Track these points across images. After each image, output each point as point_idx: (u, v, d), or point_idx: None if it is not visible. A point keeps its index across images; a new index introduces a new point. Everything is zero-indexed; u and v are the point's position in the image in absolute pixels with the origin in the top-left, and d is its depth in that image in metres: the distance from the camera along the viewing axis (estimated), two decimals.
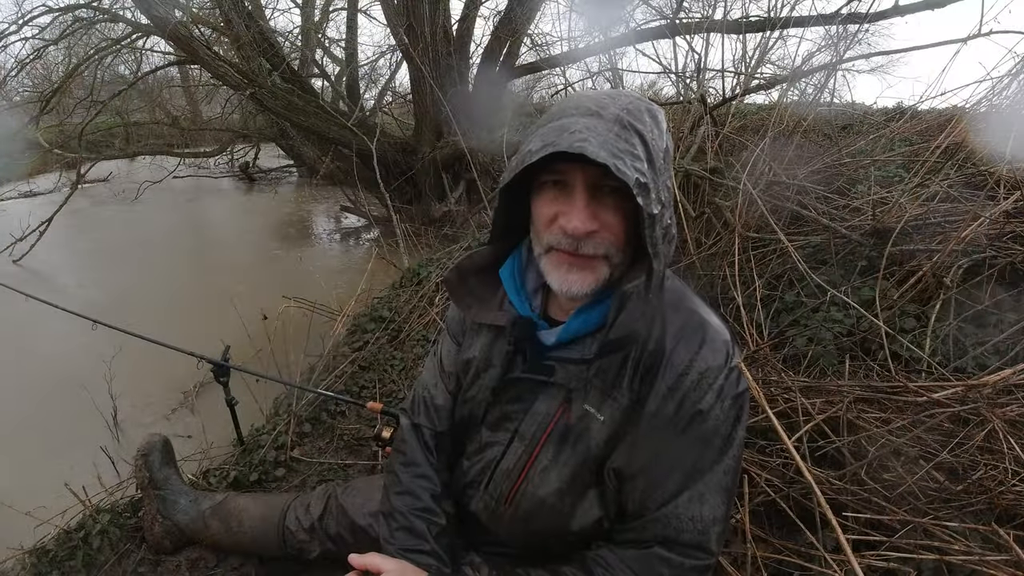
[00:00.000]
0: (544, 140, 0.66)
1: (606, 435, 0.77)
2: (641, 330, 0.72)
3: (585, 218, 0.68)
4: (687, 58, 3.86)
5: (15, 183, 8.66)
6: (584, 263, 0.71)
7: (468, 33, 6.22)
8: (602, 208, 0.70)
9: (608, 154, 0.62)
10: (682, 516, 0.74)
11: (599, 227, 0.70)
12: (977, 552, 0.98)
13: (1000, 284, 1.54)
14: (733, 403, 0.73)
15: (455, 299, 0.88)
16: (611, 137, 0.65)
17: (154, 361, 2.67)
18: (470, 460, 0.95)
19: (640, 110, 0.69)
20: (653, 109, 0.71)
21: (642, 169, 0.65)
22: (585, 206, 0.69)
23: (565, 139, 0.64)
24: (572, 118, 0.67)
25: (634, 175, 0.64)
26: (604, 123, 0.66)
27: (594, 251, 0.71)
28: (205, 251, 5.98)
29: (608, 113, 0.67)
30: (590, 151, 0.62)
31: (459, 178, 5.99)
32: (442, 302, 2.65)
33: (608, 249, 0.71)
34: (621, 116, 0.67)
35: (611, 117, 0.66)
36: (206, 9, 6.95)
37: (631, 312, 0.70)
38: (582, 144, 0.63)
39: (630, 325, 0.70)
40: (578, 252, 0.71)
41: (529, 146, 0.68)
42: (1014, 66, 2.17)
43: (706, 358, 0.72)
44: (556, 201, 0.72)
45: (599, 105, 0.68)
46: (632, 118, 0.67)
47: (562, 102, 0.73)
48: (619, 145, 0.64)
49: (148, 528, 1.43)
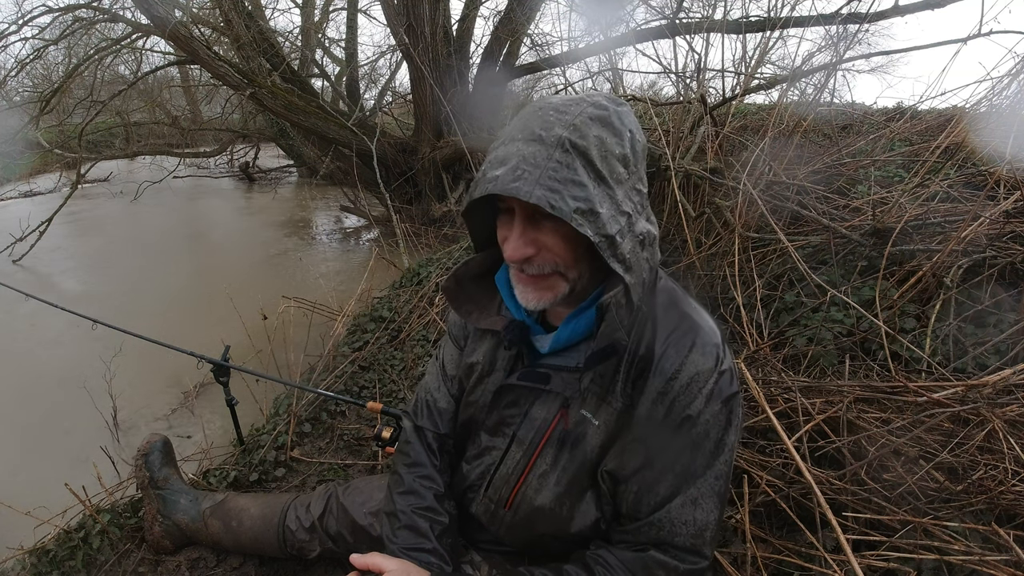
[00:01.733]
0: (488, 172, 0.68)
1: (601, 439, 0.78)
2: (623, 338, 0.73)
3: (519, 246, 0.71)
4: (687, 58, 3.87)
5: (15, 183, 8.69)
6: (536, 281, 0.74)
7: (468, 33, 6.23)
8: (542, 232, 0.71)
9: (545, 189, 0.64)
10: (676, 520, 0.74)
11: (537, 251, 0.71)
12: (977, 552, 0.98)
13: (1000, 284, 1.53)
14: (723, 407, 0.73)
15: (455, 306, 0.89)
16: (551, 167, 0.65)
17: (154, 361, 2.68)
18: (470, 464, 0.95)
19: (586, 123, 0.67)
20: (605, 115, 0.69)
21: (584, 195, 0.65)
22: (520, 235, 0.71)
23: (503, 177, 0.66)
24: (516, 144, 0.67)
25: (572, 206, 0.64)
26: (545, 149, 0.66)
27: (539, 271, 0.73)
28: (205, 251, 5.98)
29: (551, 136, 0.66)
30: (523, 192, 0.64)
31: (459, 178, 6.00)
32: (442, 302, 2.65)
33: (556, 267, 0.73)
34: (563, 138, 0.66)
35: (553, 141, 0.66)
36: (206, 9, 6.96)
37: (611, 323, 0.71)
38: (516, 185, 0.64)
39: (611, 335, 0.71)
40: (525, 272, 0.74)
41: (481, 170, 0.71)
42: (1014, 66, 2.17)
43: (696, 362, 0.72)
44: (505, 225, 0.74)
45: (544, 126, 0.67)
46: (576, 136, 0.66)
47: (518, 118, 0.72)
48: (559, 175, 0.65)
49: (148, 528, 1.43)
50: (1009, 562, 0.94)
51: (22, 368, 3.18)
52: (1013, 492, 1.04)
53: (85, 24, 6.24)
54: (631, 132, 0.71)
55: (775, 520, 1.27)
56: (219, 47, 6.36)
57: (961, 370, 1.40)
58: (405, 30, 5.28)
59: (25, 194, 8.09)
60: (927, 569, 1.02)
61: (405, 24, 5.29)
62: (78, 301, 3.30)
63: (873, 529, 1.11)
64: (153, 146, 9.22)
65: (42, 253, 5.19)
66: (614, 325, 0.71)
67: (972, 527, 1.02)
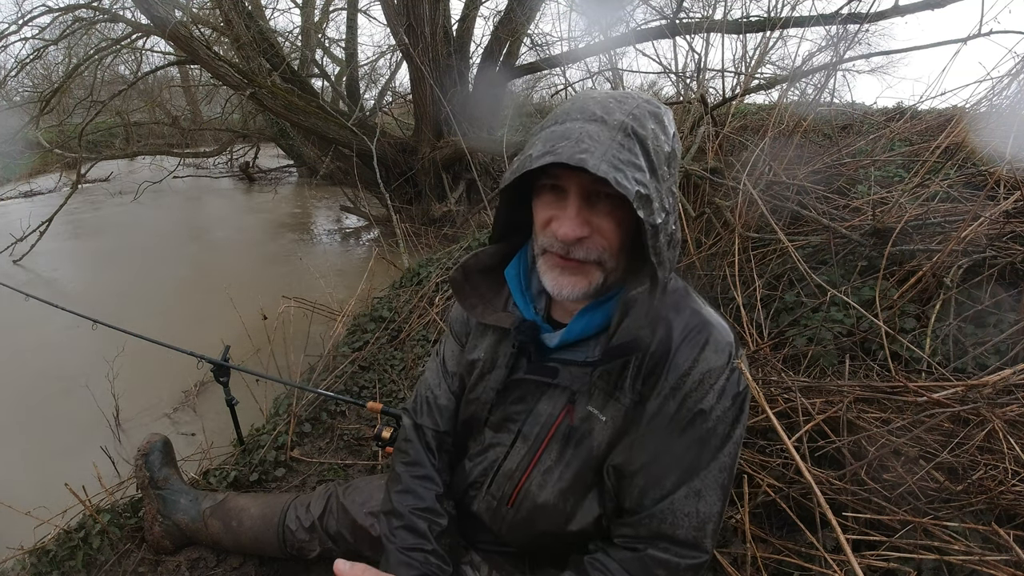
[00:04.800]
0: (546, 146, 0.66)
1: (608, 436, 0.77)
2: (647, 335, 0.72)
3: (576, 225, 0.69)
4: (687, 58, 3.87)
5: (15, 183, 8.69)
6: (576, 267, 0.72)
7: (468, 33, 6.23)
8: (596, 214, 0.70)
9: (609, 166, 0.63)
10: (678, 512, 0.74)
11: (590, 233, 0.70)
12: (977, 552, 0.98)
13: (1000, 284, 1.53)
14: (733, 402, 0.73)
15: (460, 298, 0.88)
16: (614, 147, 0.65)
17: (154, 361, 2.68)
18: (472, 461, 0.95)
19: (645, 115, 0.69)
20: (659, 112, 0.71)
21: (643, 180, 0.65)
22: (576, 213, 0.70)
23: (566, 149, 0.64)
24: (576, 123, 0.67)
25: (635, 187, 0.64)
26: (608, 130, 0.66)
27: (585, 256, 0.72)
28: (205, 251, 5.97)
29: (613, 120, 0.66)
30: (591, 164, 0.62)
31: (459, 178, 6.00)
32: (442, 302, 2.65)
33: (601, 255, 0.72)
34: (626, 123, 0.66)
35: (615, 124, 0.66)
36: (206, 9, 6.96)
37: (635, 318, 0.71)
38: (583, 156, 0.63)
39: (635, 331, 0.71)
40: (569, 256, 0.72)
41: (531, 150, 0.68)
42: (1014, 66, 2.17)
43: (709, 359, 0.73)
44: (552, 205, 0.72)
45: (605, 110, 0.68)
46: (637, 124, 0.67)
47: (569, 102, 0.73)
48: (621, 155, 0.64)
49: (148, 528, 1.43)
50: (1009, 562, 0.94)
51: (22, 368, 3.18)
52: (1013, 492, 1.04)
53: (85, 24, 6.24)
54: (675, 135, 0.73)
55: (775, 520, 1.27)
56: (219, 47, 6.35)
57: (961, 370, 1.40)
58: (405, 30, 5.28)
59: (25, 194, 8.10)
60: (927, 569, 1.02)
61: (405, 24, 5.29)
62: (78, 301, 3.30)
63: (873, 529, 1.11)
64: (153, 146, 9.23)
65: (42, 253, 5.19)
66: (640, 321, 0.70)
67: (972, 527, 1.02)
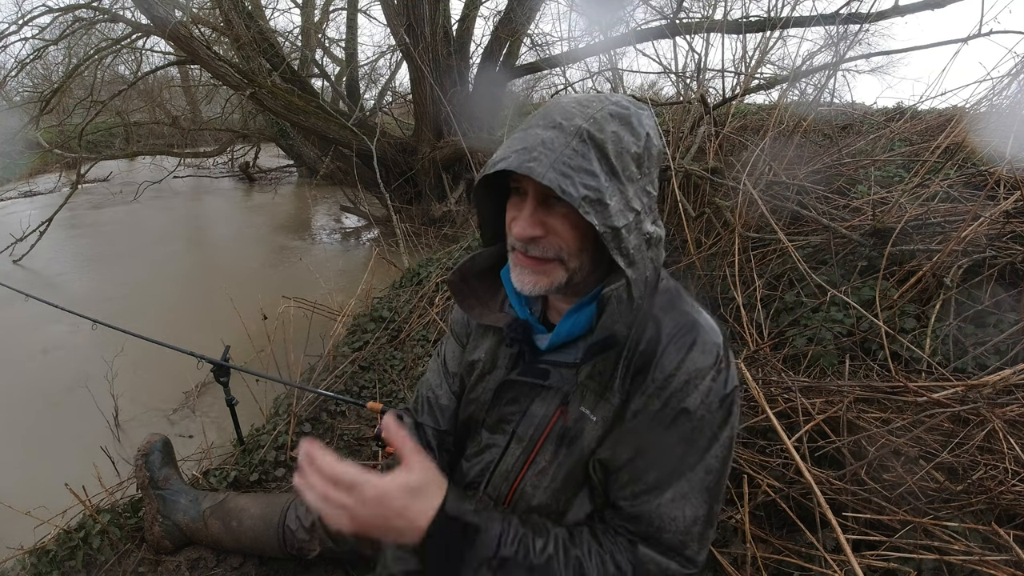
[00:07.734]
0: (504, 152, 0.70)
1: (598, 435, 0.78)
2: (622, 331, 0.74)
3: (528, 225, 0.72)
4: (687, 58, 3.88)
5: (15, 183, 8.69)
6: (536, 265, 0.75)
7: (468, 33, 6.23)
8: (552, 216, 0.73)
9: (557, 173, 0.66)
10: (664, 516, 0.74)
11: (545, 233, 0.73)
12: (977, 552, 0.98)
13: (1000, 284, 1.53)
14: (720, 404, 0.73)
15: (458, 300, 0.90)
16: (566, 153, 0.67)
17: (154, 361, 2.69)
18: (470, 461, 0.95)
19: (605, 118, 0.70)
20: (626, 113, 0.72)
21: (594, 185, 0.67)
22: (531, 214, 0.72)
23: (517, 157, 0.68)
24: (536, 129, 0.70)
25: (581, 193, 0.66)
26: (563, 136, 0.68)
27: (542, 254, 0.74)
28: (205, 251, 5.98)
29: (571, 125, 0.68)
30: (537, 172, 0.65)
31: (459, 178, 6.00)
32: (442, 302, 2.65)
33: (559, 253, 0.74)
34: (582, 128, 0.68)
35: (572, 130, 0.68)
36: (206, 9, 6.96)
37: (611, 315, 0.73)
38: (531, 165, 0.66)
39: (610, 328, 0.73)
40: (528, 254, 0.75)
41: (496, 153, 0.72)
42: (1014, 66, 2.18)
43: (695, 360, 0.73)
44: (516, 206, 0.76)
45: (565, 116, 0.70)
46: (595, 129, 0.68)
47: (544, 107, 0.76)
48: (572, 162, 0.67)
49: (148, 528, 1.43)
50: (1009, 562, 0.94)
51: (22, 368, 3.18)
52: (1013, 492, 1.04)
53: (85, 24, 6.24)
54: (648, 135, 0.73)
55: (775, 520, 1.27)
56: (219, 47, 6.35)
57: (961, 370, 1.40)
58: (405, 30, 5.29)
59: (25, 194, 8.10)
60: (927, 569, 1.02)
61: (405, 24, 5.29)
62: (78, 301, 3.30)
63: (873, 529, 1.11)
64: (153, 146, 9.24)
65: (42, 253, 5.19)
66: (614, 317, 0.73)
67: (972, 527, 1.02)
